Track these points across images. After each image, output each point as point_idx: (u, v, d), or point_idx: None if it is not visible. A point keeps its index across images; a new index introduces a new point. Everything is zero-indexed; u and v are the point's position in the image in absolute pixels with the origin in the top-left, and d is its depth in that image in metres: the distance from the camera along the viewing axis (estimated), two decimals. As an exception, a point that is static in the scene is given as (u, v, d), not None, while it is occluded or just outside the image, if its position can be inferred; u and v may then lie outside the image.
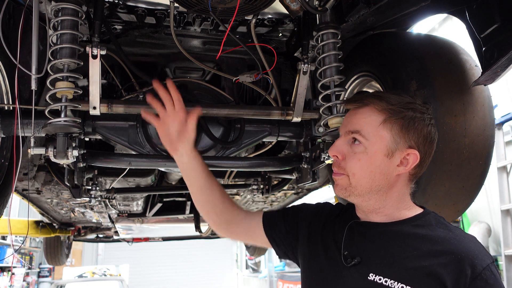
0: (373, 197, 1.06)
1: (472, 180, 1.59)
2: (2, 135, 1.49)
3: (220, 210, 1.33)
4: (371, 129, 1.04)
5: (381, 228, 1.07)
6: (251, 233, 1.34)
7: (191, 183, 1.33)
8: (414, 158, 1.04)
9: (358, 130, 1.05)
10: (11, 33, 1.45)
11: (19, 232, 4.82)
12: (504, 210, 5.17)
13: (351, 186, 1.06)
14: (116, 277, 9.24)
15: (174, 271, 12.92)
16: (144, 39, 1.78)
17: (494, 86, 1.49)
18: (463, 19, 1.38)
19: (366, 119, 1.06)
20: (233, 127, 1.81)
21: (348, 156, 1.06)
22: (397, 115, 1.03)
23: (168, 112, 1.27)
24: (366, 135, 1.04)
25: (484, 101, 1.56)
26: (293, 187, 3.05)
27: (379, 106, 1.05)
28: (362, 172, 1.04)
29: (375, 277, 0.99)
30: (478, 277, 0.91)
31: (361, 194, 1.06)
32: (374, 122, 1.04)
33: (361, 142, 1.05)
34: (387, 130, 1.03)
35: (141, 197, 3.07)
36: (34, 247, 11.57)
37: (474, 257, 0.93)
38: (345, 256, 1.06)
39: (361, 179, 1.05)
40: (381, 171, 1.04)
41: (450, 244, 0.97)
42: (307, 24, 1.62)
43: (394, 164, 1.04)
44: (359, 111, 1.08)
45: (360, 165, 1.04)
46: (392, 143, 1.03)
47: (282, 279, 10.09)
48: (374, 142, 1.04)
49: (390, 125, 1.03)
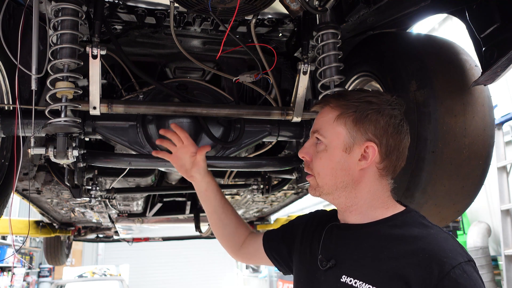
0: (342, 195, 1.06)
1: (472, 180, 1.59)
2: (2, 135, 1.49)
3: (233, 232, 1.45)
4: (327, 127, 1.06)
5: (357, 230, 1.05)
6: (255, 255, 1.42)
7: (207, 205, 1.47)
8: (373, 151, 1.02)
9: (317, 130, 1.08)
10: (11, 33, 1.45)
11: (19, 232, 4.82)
12: (504, 210, 5.17)
13: (318, 186, 1.08)
14: (116, 277, 9.24)
15: (174, 271, 12.93)
16: (144, 39, 1.78)
17: (494, 86, 1.49)
18: (463, 19, 1.38)
19: (324, 118, 1.08)
20: (233, 127, 1.81)
21: (314, 156, 1.09)
22: (349, 109, 1.04)
23: (179, 148, 1.46)
24: (323, 133, 1.07)
25: (484, 101, 1.56)
26: (293, 187, 3.05)
27: (334, 104, 1.07)
28: (324, 170, 1.06)
29: (346, 278, 0.98)
30: (446, 276, 0.85)
31: (329, 192, 1.07)
32: (330, 119, 1.06)
33: (321, 140, 1.07)
34: (342, 126, 1.04)
35: (141, 197, 3.07)
36: (34, 247, 11.58)
37: (444, 256, 0.88)
38: (320, 259, 1.07)
39: (324, 177, 1.06)
40: (341, 167, 1.04)
41: (421, 243, 0.93)
42: (307, 24, 1.62)
43: (355, 159, 1.03)
44: (321, 111, 1.11)
45: (322, 164, 1.06)
46: (349, 138, 1.03)
47: (282, 279, 10.10)
48: (332, 139, 1.05)
49: (343, 120, 1.04)
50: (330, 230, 1.12)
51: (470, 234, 5.87)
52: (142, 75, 1.63)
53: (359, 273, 0.97)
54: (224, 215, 1.45)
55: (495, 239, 5.95)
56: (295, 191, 3.20)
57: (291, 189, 3.12)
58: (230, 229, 1.45)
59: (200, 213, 3.67)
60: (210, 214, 1.47)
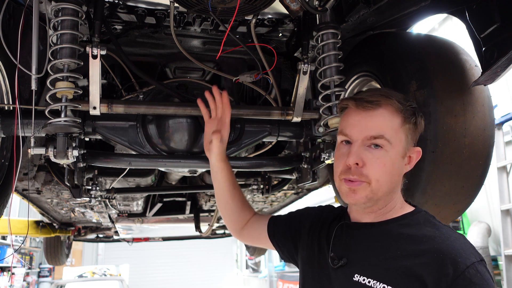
0: (385, 199, 1.04)
1: (472, 180, 1.59)
2: (2, 135, 1.49)
3: (237, 213, 1.46)
4: (392, 132, 1.01)
5: (368, 229, 1.06)
6: (257, 237, 1.41)
7: (215, 185, 1.49)
8: (417, 155, 1.05)
9: (382, 135, 1.00)
10: (11, 33, 1.45)
11: (19, 232, 4.82)
12: (504, 210, 5.17)
13: (373, 192, 1.01)
14: (116, 277, 9.24)
15: (174, 271, 12.92)
16: (144, 39, 1.78)
17: (494, 86, 1.49)
18: (463, 19, 1.38)
19: (387, 123, 1.01)
20: (233, 127, 1.80)
21: (369, 162, 1.00)
22: (410, 116, 1.03)
23: (212, 118, 1.50)
24: (389, 139, 1.00)
25: (484, 101, 1.56)
26: (293, 187, 3.05)
27: (394, 107, 1.02)
28: (386, 177, 1.01)
29: (359, 277, 0.98)
30: (461, 275, 0.87)
31: (380, 198, 1.03)
32: (395, 124, 1.01)
33: (383, 146, 1.00)
34: (404, 132, 1.02)
35: (141, 197, 3.07)
36: (34, 247, 11.58)
37: (457, 256, 0.90)
38: (332, 257, 1.06)
39: (383, 184, 1.01)
40: (399, 173, 1.04)
41: (433, 243, 0.94)
42: (307, 24, 1.62)
43: (404, 164, 1.05)
44: (375, 113, 1.02)
45: (385, 170, 1.00)
46: (406, 144, 1.03)
47: (282, 279, 10.08)
48: (395, 145, 1.01)
49: (407, 126, 1.03)
50: (341, 228, 1.12)
51: (470, 234, 5.87)
52: (142, 75, 1.63)
53: (372, 272, 0.97)
54: (230, 199, 1.46)
55: (495, 239, 5.94)
56: (295, 191, 3.20)
57: (291, 189, 3.12)
58: (235, 210, 1.47)
59: (200, 213, 3.67)
60: (217, 193, 1.50)
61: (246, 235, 1.48)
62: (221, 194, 1.48)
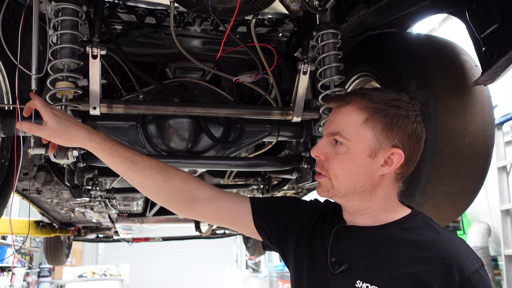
0: (357, 198, 1.03)
1: (472, 180, 1.59)
2: (2, 135, 1.49)
3: (183, 189, 1.19)
4: (352, 130, 1.00)
5: (368, 233, 1.03)
6: (232, 217, 1.21)
7: (123, 171, 1.22)
8: (398, 158, 0.99)
9: (339, 132, 1.01)
10: (11, 33, 1.45)
11: (19, 232, 4.82)
12: (504, 210, 5.17)
13: (334, 188, 1.03)
14: (116, 277, 9.24)
15: (174, 271, 12.92)
16: (144, 39, 1.78)
17: (494, 86, 1.49)
18: (463, 19, 1.38)
19: (347, 119, 1.01)
20: (233, 127, 1.81)
21: (331, 157, 1.02)
22: (379, 114, 0.99)
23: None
24: (347, 136, 1.00)
25: (484, 101, 1.56)
26: (293, 187, 3.05)
27: (361, 104, 1.00)
28: (345, 173, 1.01)
29: (362, 284, 0.96)
30: (467, 282, 0.88)
31: (344, 195, 1.03)
32: (356, 122, 1.00)
33: (342, 143, 1.01)
34: (369, 130, 0.99)
35: (141, 197, 3.07)
36: (34, 247, 11.58)
37: (463, 262, 0.90)
38: (333, 263, 1.03)
39: (343, 180, 1.01)
40: (364, 172, 1.00)
41: (437, 249, 0.93)
42: (307, 24, 1.62)
43: (378, 164, 1.00)
44: (341, 110, 1.04)
45: (342, 166, 1.00)
46: (375, 143, 0.99)
47: (282, 279, 10.08)
48: (356, 143, 1.00)
49: (372, 124, 0.99)
50: (337, 231, 1.09)
51: (470, 234, 5.87)
52: (142, 75, 1.63)
53: (375, 279, 0.95)
54: (161, 178, 1.20)
55: (495, 239, 5.94)
56: (295, 191, 3.20)
57: (291, 189, 3.12)
58: (177, 187, 1.19)
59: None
60: (137, 182, 1.25)
61: (202, 210, 1.20)
62: (142, 180, 1.23)
